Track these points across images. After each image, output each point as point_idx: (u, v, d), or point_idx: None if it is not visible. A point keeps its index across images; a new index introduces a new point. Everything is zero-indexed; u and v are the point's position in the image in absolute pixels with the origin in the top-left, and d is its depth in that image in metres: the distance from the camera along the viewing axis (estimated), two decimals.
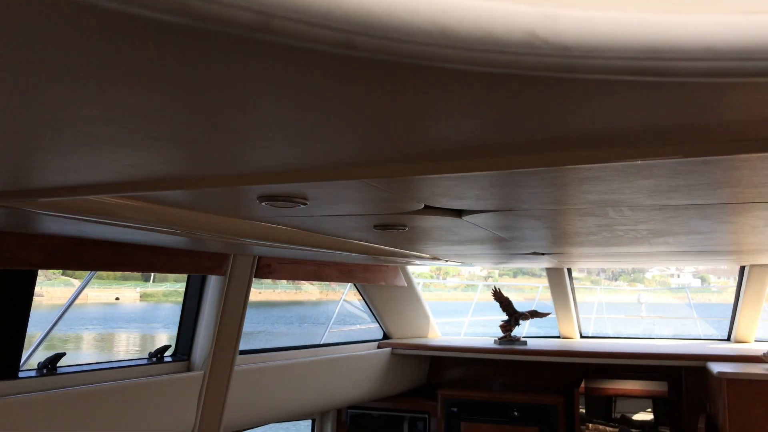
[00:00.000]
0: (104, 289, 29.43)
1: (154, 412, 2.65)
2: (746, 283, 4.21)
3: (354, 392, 4.35)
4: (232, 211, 1.44)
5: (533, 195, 1.21)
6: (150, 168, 0.86)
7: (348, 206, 1.39)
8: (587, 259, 3.53)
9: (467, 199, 1.26)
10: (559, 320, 4.88)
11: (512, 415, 4.44)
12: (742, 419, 3.38)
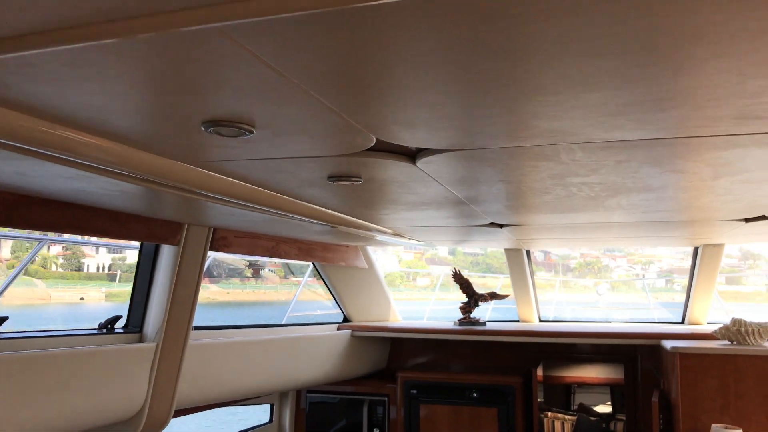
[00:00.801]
0: (68, 289, 28.77)
1: (103, 383, 2.57)
2: (699, 264, 4.30)
3: (312, 374, 4.30)
4: (179, 144, 1.39)
5: (484, 121, 1.20)
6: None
7: (298, 141, 1.36)
8: (545, 235, 3.55)
9: (418, 127, 1.24)
10: (518, 304, 4.91)
11: (471, 397, 4.45)
12: (694, 392, 3.44)
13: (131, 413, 2.79)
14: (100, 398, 2.57)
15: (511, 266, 4.68)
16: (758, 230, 3.18)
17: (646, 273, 37.87)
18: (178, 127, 1.25)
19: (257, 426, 4.75)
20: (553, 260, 33.66)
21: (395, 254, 31.14)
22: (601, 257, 37.57)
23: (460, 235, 3.57)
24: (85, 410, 2.51)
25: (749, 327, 3.59)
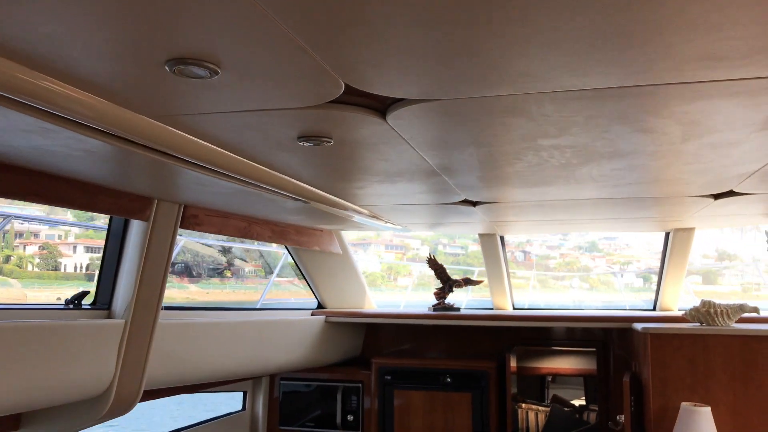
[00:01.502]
0: (45, 289, 28.28)
1: (69, 358, 2.52)
2: (670, 249, 4.35)
3: (286, 359, 4.27)
4: (143, 89, 1.36)
5: (453, 62, 1.19)
6: None
7: (264, 88, 1.33)
8: (518, 216, 3.56)
9: (387, 70, 1.23)
10: (492, 291, 4.93)
11: (445, 382, 4.46)
12: (664, 372, 3.48)
13: (99, 391, 2.74)
14: (66, 374, 2.52)
15: (485, 252, 4.69)
16: (727, 210, 3.22)
17: (625, 273, 38.38)
18: (142, 67, 1.22)
19: (230, 413, 4.70)
20: (532, 260, 33.96)
21: (377, 254, 31.12)
22: (580, 257, 38.01)
23: (435, 216, 3.56)
24: (49, 385, 2.46)
25: (718, 308, 3.65)
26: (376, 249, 33.50)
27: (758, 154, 1.98)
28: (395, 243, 33.88)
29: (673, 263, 4.43)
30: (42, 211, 13.49)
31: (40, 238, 22.78)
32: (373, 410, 4.55)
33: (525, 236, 5.19)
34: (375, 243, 31.97)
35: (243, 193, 2.67)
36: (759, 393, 3.36)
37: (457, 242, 34.28)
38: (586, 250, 38.11)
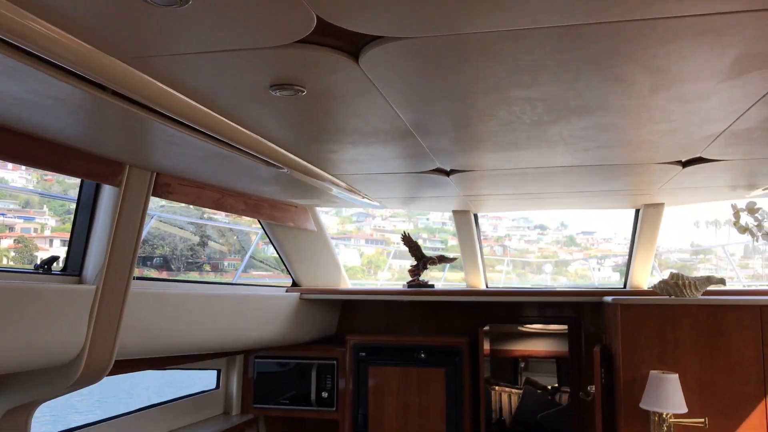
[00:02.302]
0: None
1: (38, 322, 2.48)
2: (640, 226, 4.42)
3: (260, 335, 4.26)
4: (111, 12, 1.33)
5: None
6: None
7: (233, 20, 1.33)
8: (491, 189, 3.59)
9: (364, 2, 1.23)
10: (465, 269, 4.96)
11: (419, 358, 4.49)
12: (633, 342, 3.54)
13: (69, 357, 2.71)
14: (34, 338, 2.48)
15: (459, 230, 4.72)
16: (695, 180, 3.29)
17: (602, 267, 38.75)
18: None
19: (204, 391, 4.67)
20: (512, 254, 34.21)
21: (357, 249, 31.17)
22: (559, 251, 38.36)
23: (409, 188, 3.57)
24: (16, 349, 2.42)
25: (686, 280, 3.72)
26: (357, 243, 33.66)
27: (724, 112, 2.02)
28: (375, 238, 34.06)
29: (643, 240, 4.50)
30: (18, 203, 13.20)
31: (15, 232, 22.38)
32: (348, 387, 4.56)
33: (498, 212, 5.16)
34: (355, 237, 32.06)
35: (216, 158, 2.65)
36: (725, 361, 3.44)
37: (437, 236, 34.52)
38: (564, 244, 38.48)
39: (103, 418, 3.65)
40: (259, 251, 13.83)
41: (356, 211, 29.66)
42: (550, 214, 45.84)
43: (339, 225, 27.88)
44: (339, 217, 27.10)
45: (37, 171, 4.26)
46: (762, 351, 3.42)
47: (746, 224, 3.71)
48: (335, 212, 26.63)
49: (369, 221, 28.21)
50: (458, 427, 4.36)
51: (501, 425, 7.24)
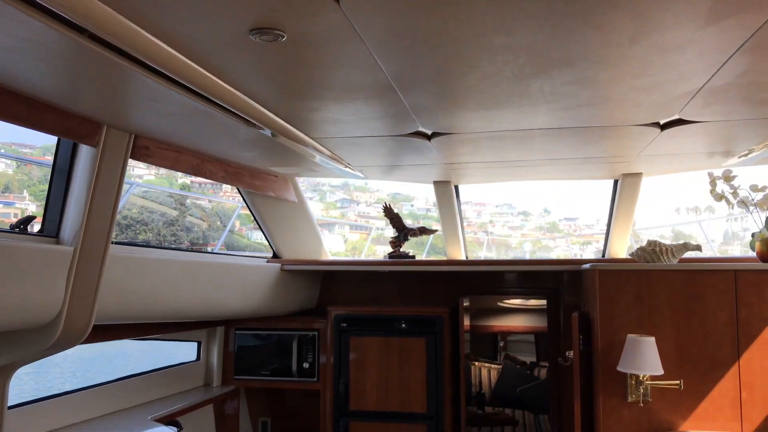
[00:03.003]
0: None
1: (14, 281, 2.45)
2: (618, 196, 4.47)
3: (240, 304, 4.25)
4: None
5: None
6: None
7: None
8: (472, 156, 3.59)
9: None
10: (446, 241, 4.98)
11: (400, 328, 4.51)
12: (611, 307, 3.59)
13: (47, 319, 2.68)
14: (11, 298, 2.45)
15: (440, 202, 4.74)
16: (673, 144, 3.32)
17: (584, 253, 39.08)
18: None
19: (184, 363, 4.66)
20: (495, 240, 34.41)
21: (341, 235, 31.21)
22: (542, 238, 38.67)
23: (390, 155, 3.57)
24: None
25: (663, 247, 3.77)
26: (341, 229, 33.77)
27: (702, 65, 2.04)
28: (360, 224, 34.19)
29: (621, 211, 4.55)
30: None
31: None
32: (329, 357, 4.58)
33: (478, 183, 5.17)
34: (340, 223, 32.20)
35: (196, 117, 2.63)
36: (700, 325, 3.50)
37: (421, 222, 34.67)
38: (547, 230, 38.79)
39: (84, 386, 3.63)
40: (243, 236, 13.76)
41: (340, 197, 29.58)
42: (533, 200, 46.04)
43: (323, 211, 27.82)
44: (323, 203, 27.01)
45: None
46: (735, 315, 3.49)
47: (722, 192, 3.76)
48: (319, 198, 26.52)
49: (353, 207, 28.15)
50: (438, 395, 4.40)
51: (480, 398, 7.32)
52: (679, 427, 3.47)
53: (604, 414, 3.55)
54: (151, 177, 12.65)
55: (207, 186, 13.41)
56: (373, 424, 4.44)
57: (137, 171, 11.38)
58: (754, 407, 3.44)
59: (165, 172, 11.39)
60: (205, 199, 13.58)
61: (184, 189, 13.05)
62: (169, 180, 13.09)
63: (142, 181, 11.95)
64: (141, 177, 11.93)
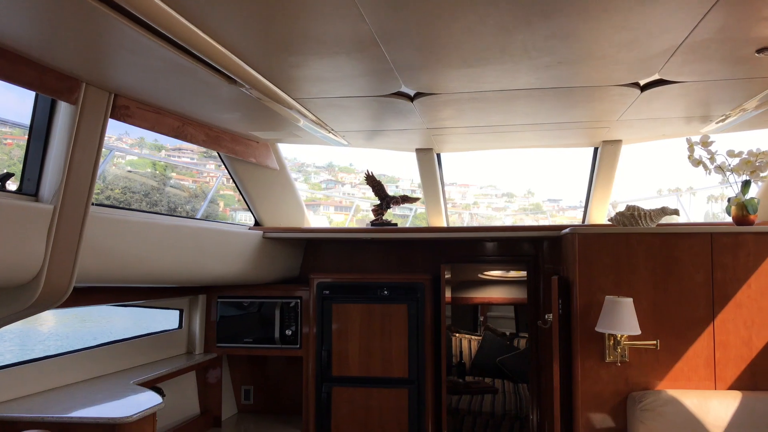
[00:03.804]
0: None
1: None
2: (598, 163, 4.52)
3: (222, 271, 4.25)
4: None
5: None
6: None
7: None
8: (454, 120, 3.60)
9: None
10: (428, 209, 5.01)
11: (382, 295, 4.54)
12: (590, 270, 3.64)
13: (27, 277, 2.67)
14: None
15: (422, 170, 4.75)
16: (653, 110, 3.36)
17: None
18: None
19: (166, 330, 4.66)
20: (480, 221, 34.55)
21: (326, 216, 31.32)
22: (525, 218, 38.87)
23: (373, 118, 3.56)
24: None
25: (641, 211, 3.83)
26: (326, 210, 33.88)
27: (682, 18, 2.07)
28: (344, 204, 34.26)
29: (600, 178, 4.60)
30: None
31: None
32: (312, 325, 4.60)
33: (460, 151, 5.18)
34: (324, 204, 32.26)
35: (176, 73, 2.60)
36: (677, 286, 3.57)
37: (405, 205, 34.74)
38: (531, 211, 39.04)
39: (66, 351, 3.62)
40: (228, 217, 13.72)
41: (325, 178, 29.46)
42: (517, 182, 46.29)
43: (308, 192, 27.85)
44: (308, 183, 26.94)
45: None
46: (711, 276, 3.56)
47: (699, 157, 3.81)
48: (304, 179, 26.41)
49: (338, 188, 28.06)
50: (420, 361, 4.45)
51: (461, 368, 7.42)
52: (655, 386, 3.55)
53: (582, 374, 3.61)
54: (133, 157, 12.48)
55: (191, 167, 13.29)
56: (356, 389, 4.49)
57: (120, 152, 11.26)
58: (727, 366, 3.53)
59: (148, 151, 11.26)
60: (189, 179, 13.46)
61: (168, 170, 12.93)
62: (153, 161, 12.95)
63: (125, 162, 11.82)
64: (124, 157, 11.79)
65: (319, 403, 4.52)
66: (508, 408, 6.15)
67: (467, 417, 5.91)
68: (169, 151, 12.95)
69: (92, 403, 3.20)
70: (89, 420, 2.93)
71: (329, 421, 4.51)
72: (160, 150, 12.16)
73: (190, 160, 13.36)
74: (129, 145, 10.24)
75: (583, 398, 3.61)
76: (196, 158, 13.01)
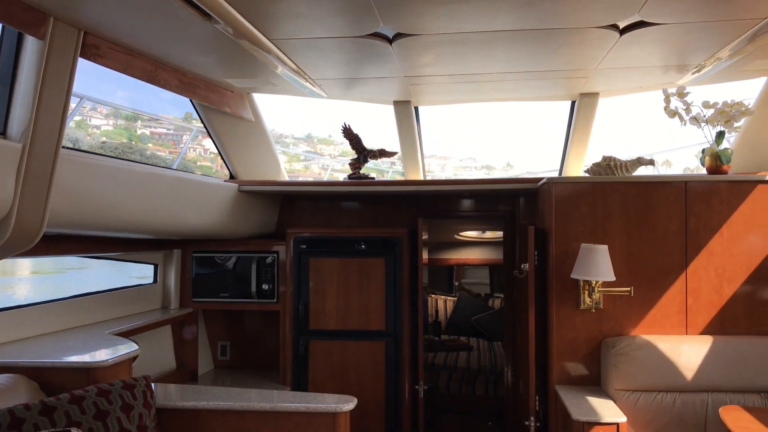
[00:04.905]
0: None
1: None
2: (576, 116, 4.53)
3: (197, 223, 4.19)
4: None
5: None
6: None
7: None
8: (434, 68, 3.57)
9: None
10: (405, 163, 4.99)
11: (359, 249, 4.53)
12: (566, 219, 3.67)
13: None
14: None
15: (399, 123, 4.72)
16: (631, 59, 3.36)
17: None
18: None
19: (141, 284, 4.61)
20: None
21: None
22: None
23: (352, 64, 3.50)
24: None
25: (617, 162, 3.85)
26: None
27: None
28: (323, 176, 34.35)
29: (577, 132, 4.61)
30: None
31: None
32: (289, 279, 4.58)
33: (438, 104, 5.14)
34: (304, 176, 32.29)
35: (148, 5, 2.52)
36: (651, 234, 3.62)
37: (385, 177, 34.90)
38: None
39: (40, 301, 3.56)
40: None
41: (304, 149, 29.17)
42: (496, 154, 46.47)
43: (287, 164, 27.65)
44: (287, 155, 26.76)
45: None
46: (685, 225, 3.61)
47: (675, 108, 3.83)
48: (282, 150, 26.20)
49: (317, 160, 27.85)
50: (397, 314, 4.47)
51: (437, 326, 7.48)
52: (629, 333, 3.62)
53: (557, 322, 3.66)
54: (109, 127, 12.21)
55: (168, 137, 13.07)
56: (333, 342, 4.50)
57: (95, 121, 11.00)
58: (698, 313, 3.60)
59: (124, 122, 11.00)
60: (165, 150, 13.24)
61: (144, 141, 12.68)
62: (128, 130, 12.69)
63: (100, 132, 11.58)
64: (99, 128, 11.51)
65: (297, 357, 4.52)
66: (483, 363, 6.23)
67: (443, 372, 5.98)
68: (145, 121, 12.70)
69: (67, 350, 3.16)
70: (63, 365, 2.90)
71: (306, 374, 4.52)
72: (135, 120, 11.93)
73: (167, 131, 13.11)
74: (104, 115, 10.00)
75: (558, 345, 3.66)
76: (173, 129, 12.78)
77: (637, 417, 3.38)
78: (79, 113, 6.10)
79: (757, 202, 3.59)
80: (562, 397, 3.42)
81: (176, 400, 2.98)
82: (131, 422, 2.66)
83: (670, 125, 4.47)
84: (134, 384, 2.80)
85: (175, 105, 7.17)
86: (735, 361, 3.40)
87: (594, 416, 3.11)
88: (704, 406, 3.37)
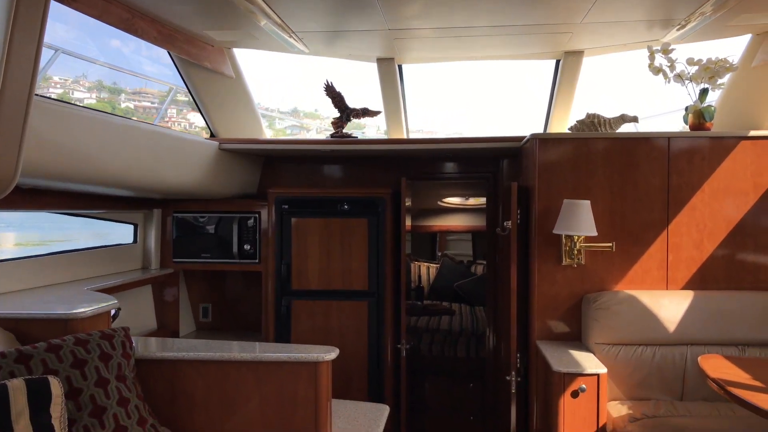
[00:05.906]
0: None
1: None
2: (560, 74, 4.50)
3: (176, 180, 4.11)
4: None
5: None
6: None
7: None
8: (418, 21, 3.51)
9: None
10: (388, 122, 4.93)
11: (342, 209, 4.50)
12: (549, 176, 3.66)
13: None
14: None
15: (382, 81, 4.66)
16: (615, 13, 3.33)
17: None
18: None
19: (121, 244, 4.55)
20: None
21: None
22: None
23: (334, 14, 3.43)
24: None
25: (601, 119, 3.84)
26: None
27: None
28: None
29: (562, 90, 4.59)
30: None
31: None
32: (271, 239, 4.54)
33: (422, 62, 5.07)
34: None
35: None
36: (633, 190, 3.62)
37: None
38: None
39: (18, 257, 3.50)
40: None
41: (290, 123, 28.96)
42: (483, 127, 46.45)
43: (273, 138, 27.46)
44: (273, 129, 26.50)
45: None
46: (667, 180, 3.62)
47: (660, 65, 3.82)
48: (268, 124, 25.95)
49: (303, 134, 27.67)
50: (380, 274, 4.45)
51: (420, 291, 7.50)
52: (611, 288, 3.64)
53: (539, 277, 3.67)
54: (92, 101, 12.00)
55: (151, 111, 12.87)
56: (316, 302, 4.48)
57: (78, 95, 10.76)
58: (678, 269, 3.63)
59: (107, 95, 10.74)
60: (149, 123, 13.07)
61: (129, 114, 12.47)
62: (111, 104, 12.48)
63: (83, 105, 11.37)
64: (82, 101, 11.31)
65: (279, 317, 4.50)
66: (465, 326, 6.27)
67: (425, 334, 6.01)
68: (128, 94, 12.49)
69: (46, 303, 3.11)
70: (40, 315, 2.85)
71: (289, 334, 4.51)
72: (119, 94, 11.72)
73: (151, 104, 12.92)
74: (87, 88, 9.80)
75: (540, 301, 3.67)
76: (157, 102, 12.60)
77: (618, 370, 3.41)
78: (62, 86, 5.90)
79: (739, 159, 3.60)
80: (543, 351, 3.44)
81: (156, 351, 2.95)
82: (109, 371, 2.63)
83: (654, 89, 4.48)
84: (112, 334, 2.76)
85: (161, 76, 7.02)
86: (714, 315, 3.44)
87: (575, 367, 3.14)
88: (683, 358, 3.41)
